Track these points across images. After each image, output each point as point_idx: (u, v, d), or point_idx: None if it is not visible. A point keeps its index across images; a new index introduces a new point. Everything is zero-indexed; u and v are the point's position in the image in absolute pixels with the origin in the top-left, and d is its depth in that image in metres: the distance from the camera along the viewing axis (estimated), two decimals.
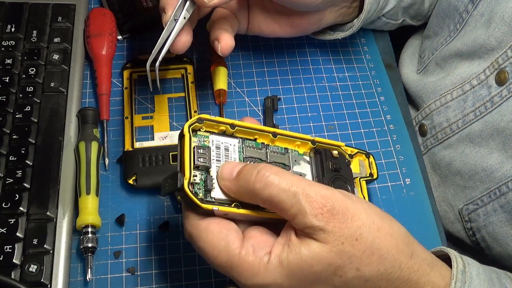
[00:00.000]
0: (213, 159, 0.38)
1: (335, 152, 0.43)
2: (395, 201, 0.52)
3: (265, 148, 0.41)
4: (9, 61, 0.52)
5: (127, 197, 0.49)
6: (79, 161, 0.47)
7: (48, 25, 0.55)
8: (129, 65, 0.56)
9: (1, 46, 0.53)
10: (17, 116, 0.49)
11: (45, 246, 0.43)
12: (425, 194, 0.53)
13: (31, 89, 0.51)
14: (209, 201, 0.36)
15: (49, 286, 0.42)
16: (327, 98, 0.58)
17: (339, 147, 0.44)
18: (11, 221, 0.43)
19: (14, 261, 0.42)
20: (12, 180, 0.45)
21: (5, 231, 0.43)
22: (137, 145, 0.51)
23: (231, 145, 0.40)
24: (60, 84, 0.52)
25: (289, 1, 0.48)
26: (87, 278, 0.43)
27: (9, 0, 0.56)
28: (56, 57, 0.53)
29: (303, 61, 0.60)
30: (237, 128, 0.40)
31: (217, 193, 0.37)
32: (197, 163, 0.37)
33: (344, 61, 0.61)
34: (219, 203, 0.36)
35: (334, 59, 0.61)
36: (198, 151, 0.37)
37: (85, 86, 0.55)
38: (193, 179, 0.36)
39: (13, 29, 0.54)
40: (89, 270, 0.43)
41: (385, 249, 0.34)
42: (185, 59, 0.57)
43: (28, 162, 0.47)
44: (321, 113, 0.56)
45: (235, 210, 0.36)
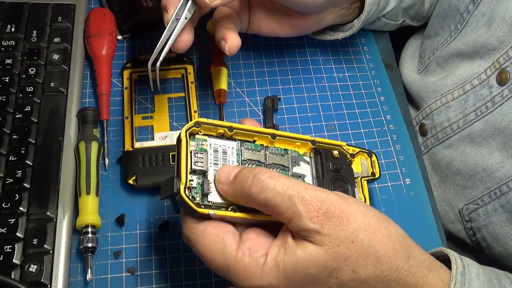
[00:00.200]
0: (211, 163, 0.38)
1: (335, 152, 0.43)
2: (395, 201, 0.52)
3: (264, 149, 0.41)
4: (9, 61, 0.52)
5: (127, 197, 0.49)
6: (79, 161, 0.47)
7: (48, 25, 0.55)
8: (129, 65, 0.56)
9: (1, 46, 0.53)
10: (17, 116, 0.49)
11: (45, 246, 0.43)
12: (425, 194, 0.53)
13: (31, 89, 0.51)
14: (206, 205, 0.36)
15: (49, 286, 0.42)
16: (327, 98, 0.58)
17: (340, 146, 0.43)
18: (11, 221, 0.43)
19: (14, 261, 0.42)
20: (12, 180, 0.45)
21: (5, 231, 0.43)
22: (137, 145, 0.51)
23: (229, 148, 0.40)
24: (60, 84, 0.52)
25: (291, 1, 0.48)
26: (87, 278, 0.43)
27: (9, 0, 0.56)
28: (56, 57, 0.53)
29: (303, 61, 0.60)
30: (235, 130, 0.39)
31: (214, 196, 0.37)
32: (193, 167, 0.37)
33: (344, 61, 0.61)
34: (216, 207, 0.36)
35: (334, 59, 0.61)
36: (195, 156, 0.37)
37: (85, 86, 0.55)
38: (190, 184, 0.36)
39: (13, 29, 0.54)
40: (89, 270, 0.43)
41: (381, 251, 0.34)
42: (185, 59, 0.57)
43: (28, 162, 0.47)
44: (321, 113, 0.56)
45: (232, 213, 0.36)
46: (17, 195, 0.45)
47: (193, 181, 0.37)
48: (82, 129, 0.50)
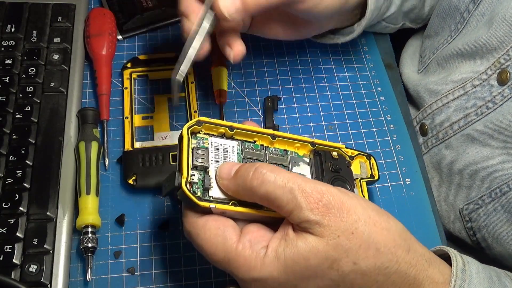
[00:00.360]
0: (212, 160, 0.38)
1: (334, 153, 0.43)
2: (395, 201, 0.52)
3: (264, 150, 0.41)
4: (9, 61, 0.52)
5: (127, 197, 0.49)
6: (79, 161, 0.47)
7: (48, 25, 0.55)
8: (129, 65, 0.56)
9: (1, 46, 0.53)
10: (17, 116, 0.49)
11: (45, 246, 0.43)
12: (425, 194, 0.53)
13: (31, 89, 0.51)
14: (206, 200, 0.37)
15: (49, 286, 0.42)
16: (327, 98, 0.58)
17: (339, 149, 0.44)
18: (11, 221, 0.43)
19: (14, 261, 0.42)
20: (12, 180, 0.45)
21: (5, 231, 0.43)
22: (137, 145, 0.51)
23: (230, 146, 0.40)
24: (60, 84, 0.52)
25: (303, 10, 0.47)
26: (87, 278, 0.43)
27: (9, 0, 0.56)
28: (56, 57, 0.53)
29: (303, 61, 0.60)
30: (236, 130, 0.40)
31: (215, 192, 0.37)
32: (195, 163, 0.37)
33: (344, 61, 0.61)
34: (217, 202, 0.37)
35: (334, 59, 0.61)
36: (196, 152, 0.38)
37: (85, 86, 0.55)
38: (191, 179, 0.37)
39: (13, 29, 0.54)
40: (89, 270, 0.43)
41: (381, 243, 0.34)
42: None
43: (28, 162, 0.47)
44: (321, 113, 0.56)
45: (233, 208, 0.36)
46: (17, 195, 0.45)
47: (194, 176, 0.37)
48: (82, 129, 0.50)
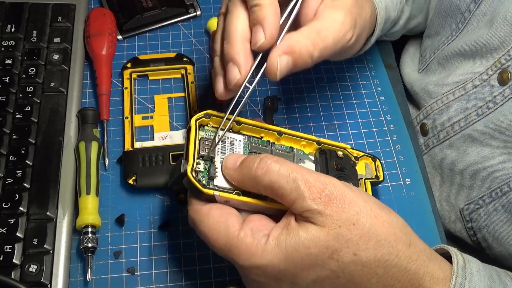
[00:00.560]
0: (218, 151, 0.39)
1: (340, 153, 0.44)
2: (395, 201, 0.52)
3: (270, 145, 0.42)
4: (9, 61, 0.52)
5: (127, 197, 0.49)
6: (79, 161, 0.47)
7: (48, 25, 0.55)
8: (129, 65, 0.56)
9: (1, 46, 0.53)
10: (17, 116, 0.49)
11: (45, 246, 0.43)
12: (425, 194, 0.53)
13: (31, 89, 0.51)
14: (211, 188, 0.37)
15: (49, 286, 0.42)
16: (327, 98, 0.58)
17: (345, 149, 0.44)
18: (11, 221, 0.43)
19: (14, 261, 0.42)
20: (12, 180, 0.45)
21: (5, 231, 0.43)
22: (137, 145, 0.51)
23: (236, 140, 0.41)
24: (60, 84, 0.52)
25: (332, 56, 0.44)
26: (87, 278, 0.43)
27: (9, 0, 0.56)
28: (56, 57, 0.53)
29: None
30: (243, 125, 0.41)
31: (220, 181, 0.38)
32: (201, 152, 0.38)
33: (344, 61, 0.61)
34: (221, 191, 0.37)
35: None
36: (203, 142, 0.39)
37: (85, 86, 0.55)
38: (197, 167, 0.38)
39: (13, 29, 0.54)
40: (89, 270, 0.43)
41: (382, 235, 0.34)
42: (185, 59, 0.57)
43: (28, 162, 0.47)
44: (321, 113, 0.56)
45: (236, 197, 0.37)
46: (17, 195, 0.45)
47: (200, 165, 0.38)
48: (82, 129, 0.50)
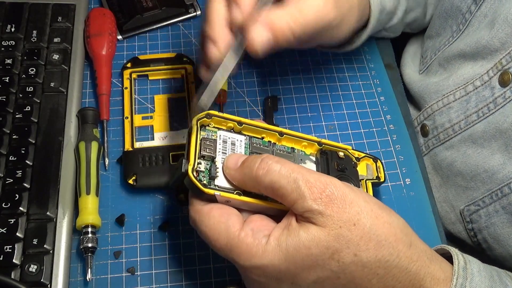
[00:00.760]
0: (219, 151, 0.39)
1: (341, 153, 0.44)
2: (395, 201, 0.52)
3: (271, 146, 0.42)
4: (9, 61, 0.52)
5: (127, 197, 0.49)
6: (79, 161, 0.47)
7: (48, 25, 0.55)
8: (129, 65, 0.56)
9: (1, 46, 0.53)
10: (17, 116, 0.49)
11: (45, 246, 0.43)
12: (425, 194, 0.53)
13: (31, 89, 0.51)
14: (212, 188, 0.37)
15: (49, 286, 0.42)
16: (327, 98, 0.58)
17: (346, 150, 0.44)
18: (11, 221, 0.43)
19: (14, 261, 0.42)
20: (12, 180, 0.45)
21: (5, 231, 0.43)
22: (137, 145, 0.51)
23: (238, 140, 0.41)
24: (60, 84, 0.52)
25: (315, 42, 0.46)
26: (87, 278, 0.43)
27: (9, 0, 0.56)
28: (56, 57, 0.53)
29: (303, 61, 0.60)
30: (244, 125, 0.41)
31: (221, 181, 0.38)
32: (202, 152, 0.38)
33: (344, 61, 0.61)
34: (222, 190, 0.37)
35: (334, 59, 0.61)
36: (204, 142, 0.39)
37: (85, 86, 0.55)
38: (198, 167, 0.38)
39: (13, 29, 0.54)
40: (89, 270, 0.43)
41: (383, 236, 0.34)
42: (185, 59, 0.57)
43: (28, 162, 0.47)
44: (321, 113, 0.56)
45: (237, 197, 0.37)
46: (17, 195, 0.45)
47: (201, 164, 0.38)
48: (82, 129, 0.50)
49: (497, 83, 0.48)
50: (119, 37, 0.58)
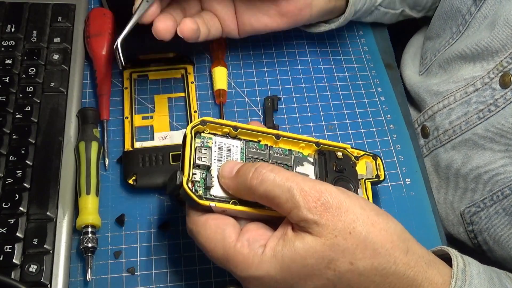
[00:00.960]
0: (215, 159, 0.39)
1: (339, 153, 0.43)
2: (395, 201, 0.52)
3: (268, 149, 0.42)
4: (9, 61, 0.52)
5: (127, 197, 0.49)
6: (79, 161, 0.47)
7: (48, 25, 0.55)
8: (129, 65, 0.56)
9: (1, 46, 0.53)
10: (17, 116, 0.49)
11: (45, 246, 0.43)
12: (425, 194, 0.53)
13: (31, 89, 0.51)
14: (207, 198, 0.37)
15: (49, 286, 0.42)
16: (327, 98, 0.58)
17: (345, 149, 0.44)
18: (11, 221, 0.43)
19: (14, 261, 0.42)
20: (12, 180, 0.45)
21: (5, 231, 0.43)
22: (137, 145, 0.51)
23: (233, 146, 0.40)
24: (60, 84, 0.52)
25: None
26: (87, 278, 0.43)
27: (9, 0, 0.56)
28: (56, 57, 0.53)
29: (303, 61, 0.60)
30: (240, 130, 0.40)
31: (217, 190, 0.38)
32: (197, 162, 0.38)
33: (344, 61, 0.61)
34: (218, 200, 0.37)
35: (334, 59, 0.61)
36: (199, 151, 0.38)
37: (85, 86, 0.55)
38: (193, 177, 0.37)
39: (13, 29, 0.54)
40: (89, 270, 0.43)
41: (379, 243, 0.34)
42: (185, 59, 0.57)
43: (28, 162, 0.47)
44: (321, 113, 0.56)
45: (233, 206, 0.37)
46: (17, 195, 0.45)
47: (196, 175, 0.38)
48: (82, 129, 0.50)
49: (497, 85, 0.48)
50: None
